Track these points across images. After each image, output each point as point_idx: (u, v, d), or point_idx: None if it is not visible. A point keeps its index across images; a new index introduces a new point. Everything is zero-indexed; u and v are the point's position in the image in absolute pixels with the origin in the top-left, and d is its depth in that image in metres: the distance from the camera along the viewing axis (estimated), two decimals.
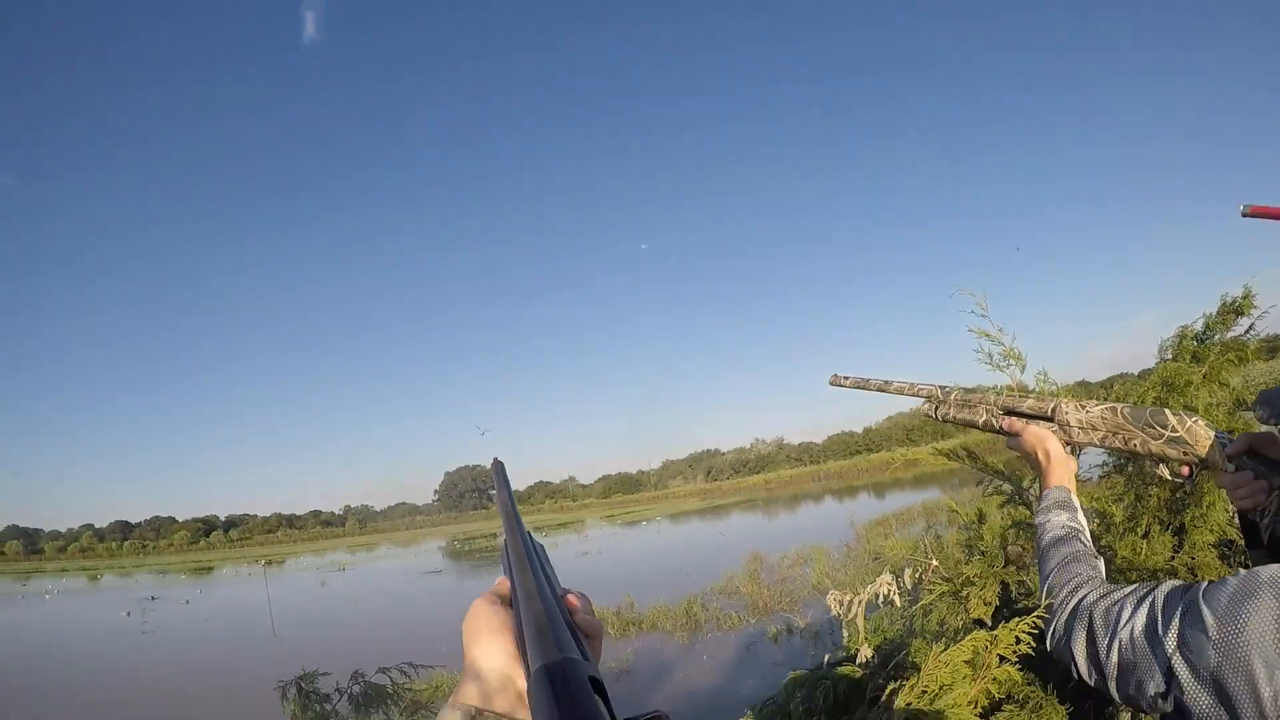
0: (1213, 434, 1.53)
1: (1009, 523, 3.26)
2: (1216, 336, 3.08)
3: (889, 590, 3.55)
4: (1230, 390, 3.12)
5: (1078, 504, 1.65)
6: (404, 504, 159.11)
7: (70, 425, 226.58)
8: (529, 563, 0.75)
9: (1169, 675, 1.13)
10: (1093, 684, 1.31)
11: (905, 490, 36.15)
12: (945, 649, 2.23)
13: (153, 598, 34.16)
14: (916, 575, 3.54)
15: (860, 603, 3.43)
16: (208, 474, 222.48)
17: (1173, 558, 2.97)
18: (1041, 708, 2.39)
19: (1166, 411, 1.58)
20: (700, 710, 7.66)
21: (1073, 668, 1.35)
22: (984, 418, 1.86)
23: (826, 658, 3.61)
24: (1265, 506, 1.46)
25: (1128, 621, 1.23)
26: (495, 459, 1.02)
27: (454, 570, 36.84)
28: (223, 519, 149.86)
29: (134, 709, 12.59)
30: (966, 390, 1.92)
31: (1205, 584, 1.17)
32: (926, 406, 1.97)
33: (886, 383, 2.04)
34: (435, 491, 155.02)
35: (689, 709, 7.91)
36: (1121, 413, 1.63)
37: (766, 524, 36.29)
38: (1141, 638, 1.19)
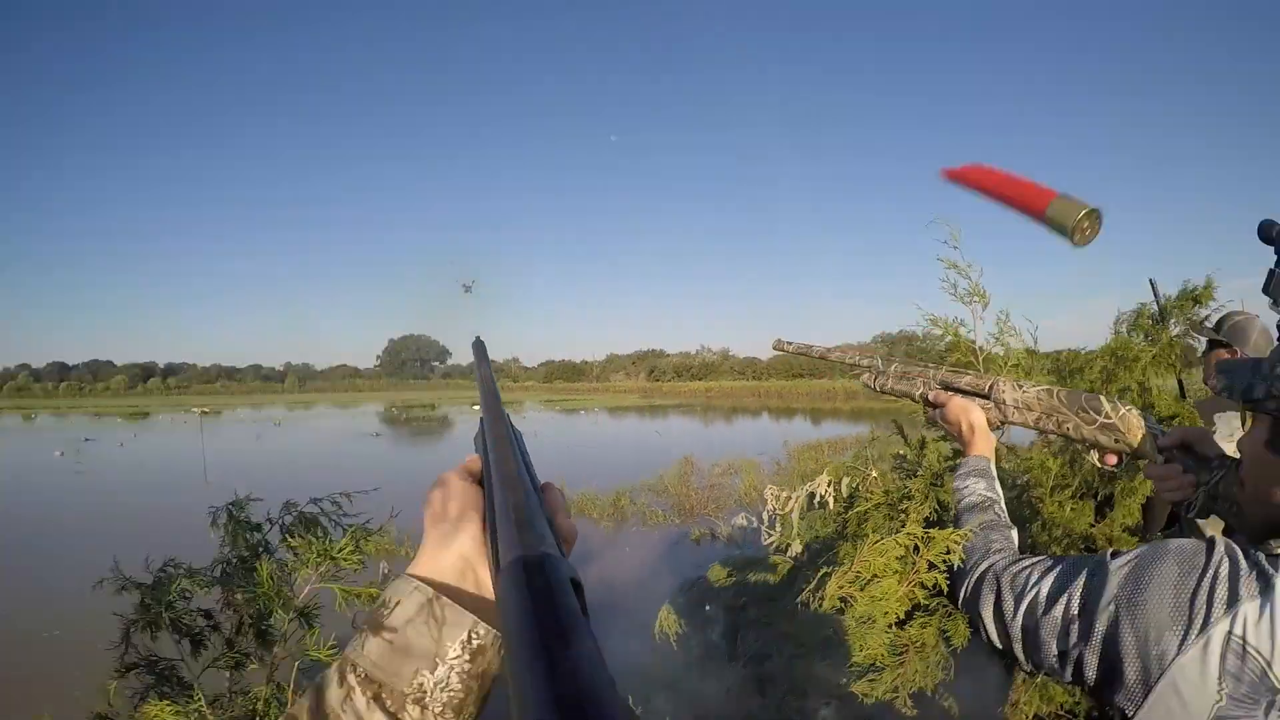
0: (1145, 424, 1.53)
1: (951, 454, 3.28)
2: (1172, 320, 3.12)
3: (826, 492, 3.56)
4: (1179, 371, 3.17)
5: (995, 474, 1.68)
6: (345, 365, 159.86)
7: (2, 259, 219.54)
8: (510, 446, 0.67)
9: (1066, 637, 1.19)
10: (1001, 647, 1.35)
11: (841, 421, 36.47)
12: (881, 540, 2.31)
13: (87, 439, 33.63)
14: (854, 484, 3.52)
15: (797, 500, 3.50)
16: (148, 318, 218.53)
17: (1093, 526, 3.07)
18: (952, 615, 2.50)
19: (1101, 398, 1.58)
20: (619, 597, 7.82)
21: (981, 630, 1.39)
22: (920, 390, 1.86)
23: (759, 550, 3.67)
24: (1191, 500, 1.47)
25: (1034, 585, 1.28)
26: (477, 338, 0.95)
27: (391, 435, 36.84)
28: (162, 366, 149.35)
29: (60, 539, 12.58)
30: (905, 363, 1.92)
31: (1112, 550, 1.23)
32: (866, 377, 1.96)
33: (828, 350, 2.03)
34: (378, 356, 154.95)
35: (608, 595, 8.07)
36: (1057, 395, 1.64)
37: (703, 430, 36.58)
38: (1045, 601, 1.24)
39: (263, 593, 2.46)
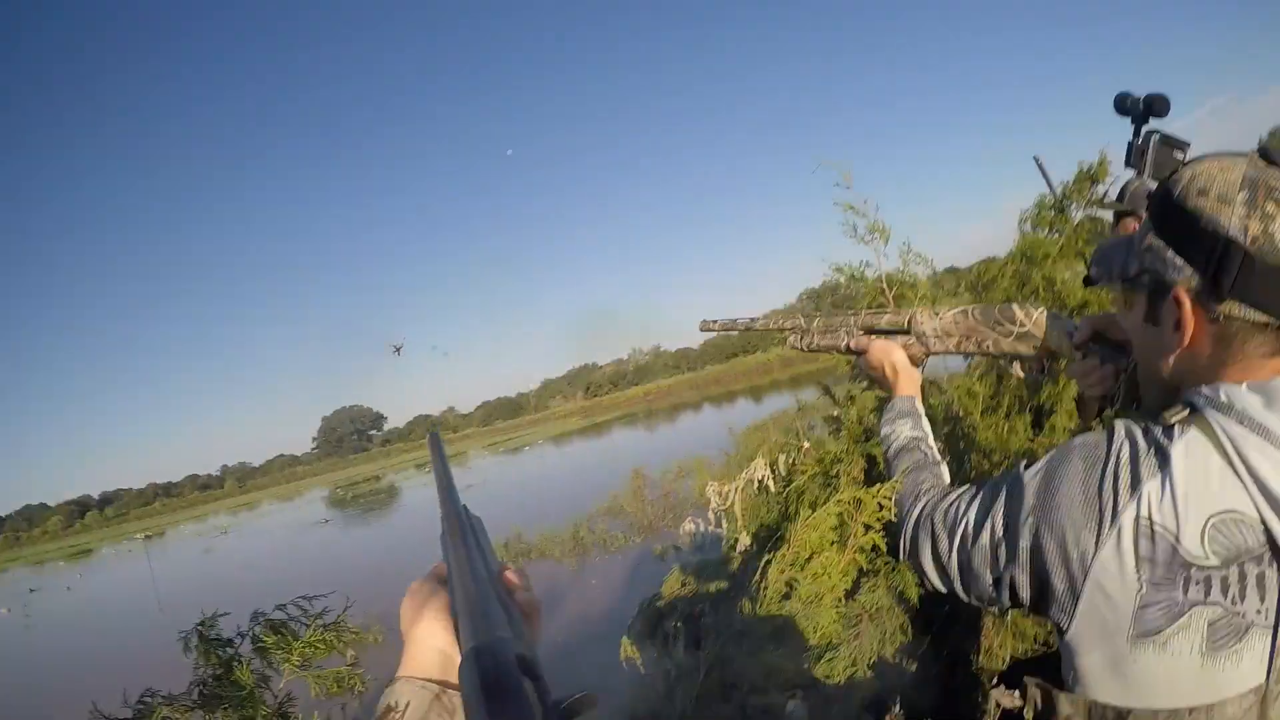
0: (1058, 324, 1.53)
1: (875, 404, 3.25)
2: (1074, 205, 3.08)
3: (764, 476, 3.56)
4: (1088, 255, 3.10)
5: (921, 411, 1.65)
6: (283, 456, 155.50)
7: None
8: (463, 541, 0.76)
9: (996, 562, 1.17)
10: (945, 590, 1.32)
11: (782, 392, 36.53)
12: (811, 515, 2.29)
13: (32, 590, 32.53)
14: (790, 460, 3.54)
15: (737, 491, 3.48)
16: (76, 453, 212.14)
17: (1032, 439, 3.01)
18: (897, 569, 2.47)
19: (1014, 307, 1.57)
20: (592, 631, 7.75)
21: (924, 579, 1.36)
22: (845, 340, 1.83)
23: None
24: (1113, 392, 1.46)
25: (963, 517, 1.25)
26: (431, 432, 1.03)
27: (341, 519, 36.11)
28: (97, 498, 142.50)
29: (23, 699, 12.22)
30: (828, 316, 1.89)
31: (1026, 461, 1.21)
32: (792, 339, 1.93)
33: (753, 320, 2.00)
34: (314, 439, 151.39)
35: (581, 632, 8.00)
36: (972, 314, 1.62)
37: (648, 438, 36.58)
38: (973, 531, 1.22)
39: (246, 696, 2.49)
